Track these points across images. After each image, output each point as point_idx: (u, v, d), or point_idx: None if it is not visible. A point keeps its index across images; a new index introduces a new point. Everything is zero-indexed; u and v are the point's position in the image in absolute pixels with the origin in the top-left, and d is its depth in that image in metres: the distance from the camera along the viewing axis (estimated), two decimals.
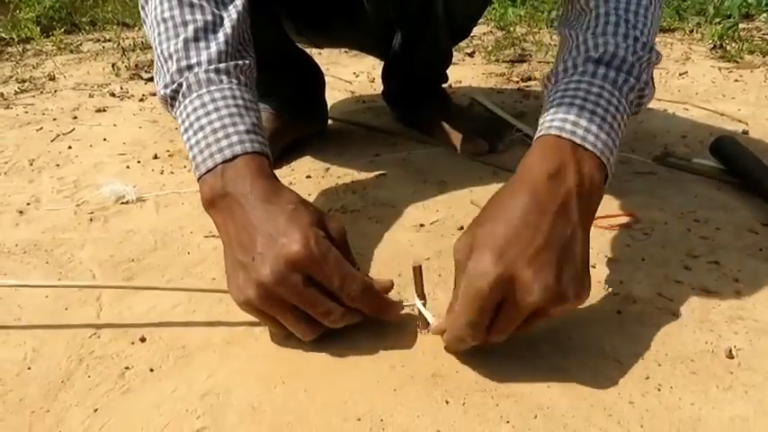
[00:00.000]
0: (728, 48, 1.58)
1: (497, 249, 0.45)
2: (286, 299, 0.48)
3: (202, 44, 0.58)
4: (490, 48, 1.65)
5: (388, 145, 1.02)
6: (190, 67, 0.57)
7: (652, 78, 0.58)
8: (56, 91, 1.40)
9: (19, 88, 1.41)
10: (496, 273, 0.44)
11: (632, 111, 0.57)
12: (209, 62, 0.58)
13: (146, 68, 1.55)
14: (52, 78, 1.50)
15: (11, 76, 1.53)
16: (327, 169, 0.92)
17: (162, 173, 0.92)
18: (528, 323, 0.47)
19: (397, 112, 1.13)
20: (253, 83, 0.62)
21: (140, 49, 1.77)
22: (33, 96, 1.36)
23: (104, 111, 1.25)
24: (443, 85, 1.12)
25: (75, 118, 1.20)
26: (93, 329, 0.55)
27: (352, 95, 1.35)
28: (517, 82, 1.42)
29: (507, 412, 0.45)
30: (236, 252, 0.51)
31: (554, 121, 0.52)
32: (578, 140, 0.51)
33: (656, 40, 0.73)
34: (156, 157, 0.98)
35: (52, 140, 1.08)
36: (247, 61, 0.61)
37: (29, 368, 0.51)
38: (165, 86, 0.58)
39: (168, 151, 1.01)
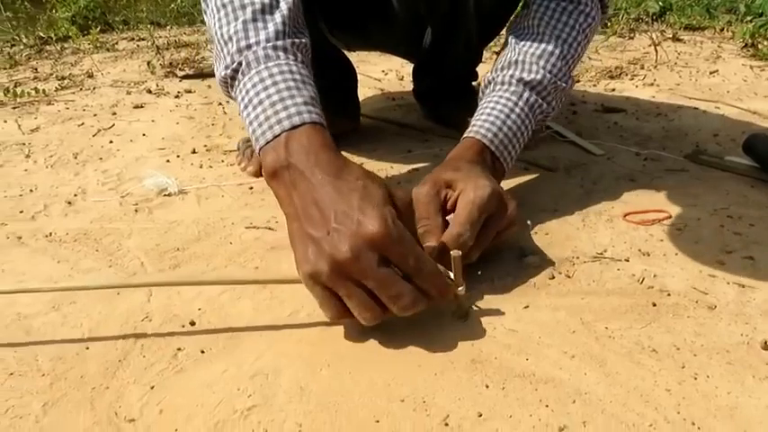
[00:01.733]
0: (760, 46, 1.57)
1: (486, 178, 0.62)
2: (358, 277, 0.48)
3: (260, 24, 0.60)
4: None
5: (419, 141, 1.04)
6: (249, 47, 0.59)
7: (560, 99, 0.76)
8: (94, 88, 1.44)
9: (59, 85, 1.45)
10: (492, 187, 0.60)
11: (535, 126, 0.74)
12: (268, 40, 0.59)
13: (180, 66, 1.59)
14: (90, 76, 1.54)
15: (51, 74, 1.58)
16: (362, 164, 0.93)
17: (201, 167, 0.95)
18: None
19: (428, 110, 1.15)
20: (308, 61, 0.63)
21: (174, 48, 1.81)
22: (73, 93, 1.41)
23: (142, 107, 1.28)
24: (473, 83, 1.14)
25: (115, 114, 1.24)
26: (144, 313, 0.58)
27: (382, 93, 1.37)
28: None
29: (546, 397, 0.46)
30: (306, 225, 0.51)
31: (481, 128, 0.70)
32: (492, 147, 0.70)
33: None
34: (194, 152, 1.01)
35: (94, 135, 1.12)
36: (303, 40, 0.63)
37: (87, 348, 0.54)
38: (226, 68, 0.60)
39: (206, 146, 1.04)
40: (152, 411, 0.46)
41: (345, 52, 1.06)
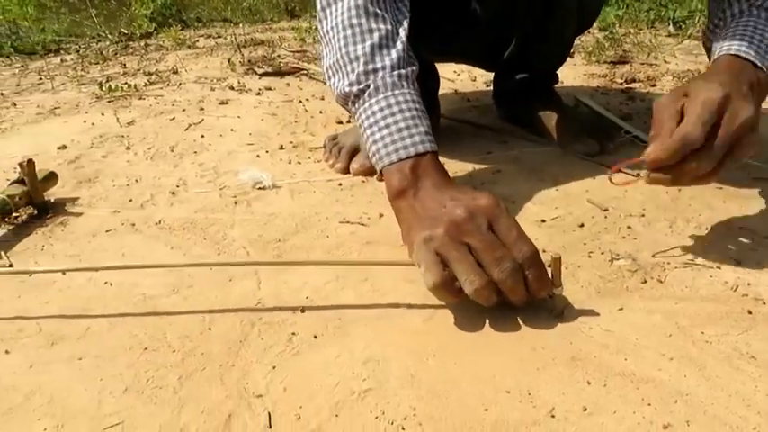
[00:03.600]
0: None
1: (718, 83, 0.61)
2: (468, 237, 0.55)
3: (385, 51, 0.68)
4: (590, 48, 1.65)
5: (498, 143, 1.06)
6: (375, 71, 0.67)
7: None
8: (180, 84, 1.52)
9: (148, 81, 1.53)
10: (724, 91, 0.60)
11: None
12: (392, 68, 0.68)
13: (258, 64, 1.65)
14: (175, 72, 1.62)
15: (138, 69, 1.67)
16: (444, 164, 0.96)
17: (290, 162, 1.00)
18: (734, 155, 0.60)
19: (506, 111, 1.16)
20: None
21: (251, 46, 1.88)
22: (161, 88, 1.49)
23: (227, 103, 1.35)
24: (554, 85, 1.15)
25: (202, 109, 1.31)
26: (256, 299, 0.63)
27: (456, 93, 1.39)
28: (621, 84, 1.42)
29: (648, 395, 0.48)
30: (423, 212, 0.60)
31: (731, 48, 0.69)
32: (751, 58, 0.68)
33: None
34: (281, 148, 1.06)
35: (186, 129, 1.18)
36: (416, 67, 0.71)
37: (209, 329, 0.58)
38: (351, 85, 0.68)
39: (291, 143, 1.09)
40: (277, 389, 0.50)
41: None
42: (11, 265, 0.71)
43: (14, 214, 0.81)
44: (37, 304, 0.63)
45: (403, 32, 0.70)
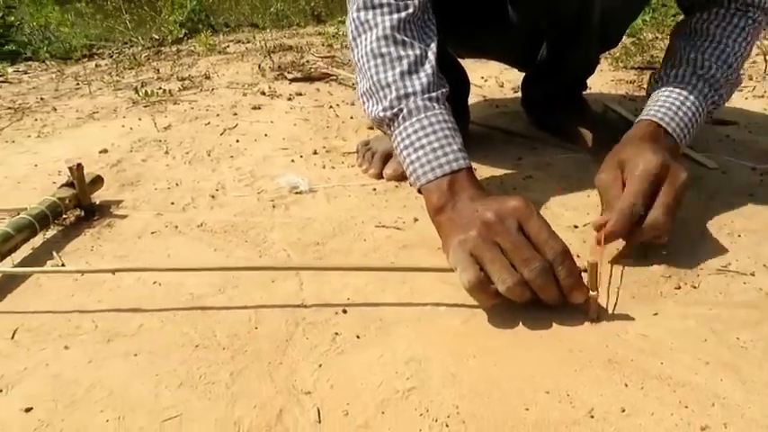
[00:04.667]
0: None
1: (652, 152, 0.67)
2: (499, 238, 0.58)
3: (415, 76, 0.72)
4: (618, 54, 1.66)
5: (528, 149, 1.07)
6: (407, 96, 0.71)
7: (730, 93, 0.82)
8: (213, 89, 1.55)
9: (181, 86, 1.57)
10: (659, 160, 0.66)
11: (707, 115, 0.80)
12: (423, 92, 0.71)
13: (288, 69, 1.68)
14: (207, 77, 1.66)
15: (171, 74, 1.71)
16: (474, 170, 0.98)
17: (324, 167, 1.02)
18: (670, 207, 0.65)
19: (535, 118, 1.18)
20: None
21: (281, 51, 1.92)
22: (195, 93, 1.52)
23: (259, 108, 1.38)
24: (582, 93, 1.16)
25: (236, 114, 1.34)
26: (299, 299, 0.65)
27: (484, 99, 1.41)
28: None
29: (685, 398, 0.49)
30: (459, 221, 0.63)
31: (657, 112, 0.76)
32: (668, 128, 0.75)
33: None
34: (315, 153, 1.09)
35: (221, 134, 1.22)
36: (446, 87, 0.74)
37: (256, 328, 0.61)
38: (384, 110, 0.72)
39: (324, 147, 1.12)
40: (324, 386, 0.53)
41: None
42: (63, 265, 0.74)
43: (63, 216, 0.84)
44: (90, 302, 0.66)
45: (431, 55, 0.74)
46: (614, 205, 0.66)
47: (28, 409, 0.51)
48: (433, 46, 0.75)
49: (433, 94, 0.72)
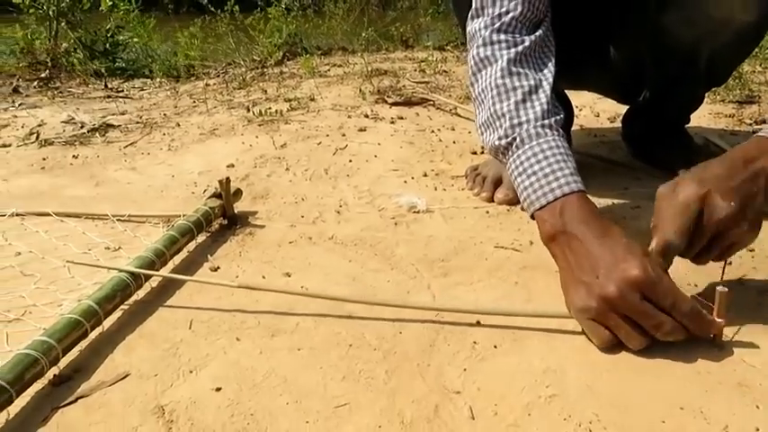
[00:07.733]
0: None
1: (698, 180, 0.63)
2: (623, 312, 0.60)
3: (529, 105, 0.76)
4: (717, 88, 1.66)
5: (632, 179, 1.11)
6: (521, 124, 0.75)
7: None
8: (318, 110, 1.66)
9: (290, 106, 1.69)
10: (697, 191, 0.62)
11: None
12: (536, 120, 0.74)
13: (387, 93, 1.77)
14: (312, 99, 1.77)
15: (278, 95, 1.84)
16: None
17: (435, 189, 1.09)
18: (721, 250, 0.64)
19: (636, 149, 1.21)
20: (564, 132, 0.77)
21: (377, 76, 2.02)
22: (302, 114, 1.63)
23: (365, 130, 1.47)
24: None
25: (344, 135, 1.44)
26: (434, 311, 0.72)
27: (582, 129, 1.45)
28: (750, 124, 1.43)
29: None
30: (578, 272, 0.64)
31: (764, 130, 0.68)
32: None
33: None
34: (425, 175, 1.16)
35: (334, 154, 1.31)
36: (561, 115, 0.77)
37: (400, 332, 0.68)
38: (500, 139, 0.76)
39: (433, 170, 1.19)
40: (471, 387, 0.59)
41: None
42: (218, 267, 0.84)
43: (212, 224, 0.94)
44: (249, 303, 0.75)
45: (546, 84, 0.77)
46: (660, 222, 0.64)
47: (218, 389, 0.60)
48: (549, 76, 0.79)
49: (546, 122, 0.74)
